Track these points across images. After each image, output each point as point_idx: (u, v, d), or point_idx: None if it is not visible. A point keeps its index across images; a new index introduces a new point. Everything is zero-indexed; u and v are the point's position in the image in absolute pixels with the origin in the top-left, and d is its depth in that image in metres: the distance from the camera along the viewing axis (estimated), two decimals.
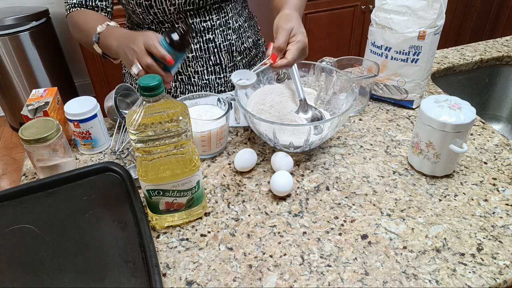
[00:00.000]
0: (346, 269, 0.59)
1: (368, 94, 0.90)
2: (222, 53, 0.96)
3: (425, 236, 0.64)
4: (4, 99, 2.32)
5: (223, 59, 0.96)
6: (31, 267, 0.55)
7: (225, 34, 0.95)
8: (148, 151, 0.57)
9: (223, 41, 0.95)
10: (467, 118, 0.67)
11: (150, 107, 0.54)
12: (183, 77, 0.96)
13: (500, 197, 0.70)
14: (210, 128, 0.75)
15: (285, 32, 0.69)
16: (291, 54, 0.67)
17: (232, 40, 0.96)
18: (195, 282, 0.58)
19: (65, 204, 0.64)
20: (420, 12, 0.81)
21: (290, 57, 0.67)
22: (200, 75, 0.96)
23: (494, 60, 1.13)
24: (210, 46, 0.94)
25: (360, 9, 2.25)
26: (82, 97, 0.82)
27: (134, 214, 0.62)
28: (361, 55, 0.95)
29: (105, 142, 0.84)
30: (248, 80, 0.72)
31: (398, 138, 0.84)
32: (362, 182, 0.74)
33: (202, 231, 0.66)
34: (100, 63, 2.12)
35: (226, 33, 0.95)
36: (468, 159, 0.79)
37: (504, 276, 0.58)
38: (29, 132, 0.70)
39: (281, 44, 0.67)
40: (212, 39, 0.93)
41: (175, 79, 0.97)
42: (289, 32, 0.69)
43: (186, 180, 0.61)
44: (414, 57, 0.85)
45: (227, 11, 0.94)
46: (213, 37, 0.93)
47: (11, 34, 2.08)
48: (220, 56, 0.96)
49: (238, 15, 0.98)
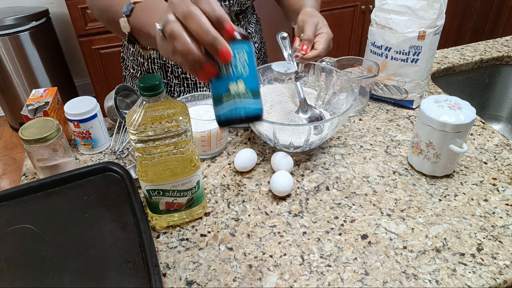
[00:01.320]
0: (346, 269, 0.59)
1: (368, 94, 0.90)
2: None
3: (425, 236, 0.64)
4: (4, 99, 2.32)
5: None
6: (31, 267, 0.55)
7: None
8: (148, 151, 0.57)
9: None
10: (467, 118, 0.67)
11: (150, 107, 0.54)
12: (189, 82, 0.96)
13: (500, 197, 0.70)
14: (210, 128, 0.75)
15: (312, 25, 0.73)
16: (321, 44, 0.71)
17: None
18: (195, 282, 0.58)
19: (65, 204, 0.64)
20: (420, 12, 0.81)
21: (321, 47, 0.71)
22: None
23: (494, 60, 1.13)
24: None
25: (360, 9, 2.25)
26: (82, 97, 0.82)
27: (134, 214, 0.62)
28: (361, 55, 0.95)
29: (105, 142, 0.84)
30: (289, 69, 0.75)
31: (398, 138, 0.84)
32: (362, 182, 0.74)
33: (202, 231, 0.66)
34: (100, 63, 2.11)
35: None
36: (468, 159, 0.79)
37: (504, 276, 0.58)
38: (29, 132, 0.70)
39: (310, 36, 0.70)
40: None
41: (181, 83, 0.96)
42: (316, 25, 0.73)
43: (186, 180, 0.61)
44: (414, 57, 0.85)
45: (239, 20, 0.94)
46: None
47: (11, 34, 2.08)
48: None
49: (248, 23, 0.98)
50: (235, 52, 0.42)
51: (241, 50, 0.43)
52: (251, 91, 0.44)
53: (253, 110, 0.44)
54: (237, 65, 0.43)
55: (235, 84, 0.43)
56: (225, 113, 0.44)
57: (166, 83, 0.96)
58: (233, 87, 0.43)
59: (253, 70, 0.44)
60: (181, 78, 0.95)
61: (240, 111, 0.44)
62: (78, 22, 1.98)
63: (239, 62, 0.43)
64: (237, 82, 0.43)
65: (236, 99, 0.43)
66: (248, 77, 0.43)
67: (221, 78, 0.43)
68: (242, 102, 0.44)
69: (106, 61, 2.11)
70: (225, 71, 0.43)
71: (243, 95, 0.43)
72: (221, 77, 0.43)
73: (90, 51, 2.06)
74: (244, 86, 0.43)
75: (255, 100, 0.44)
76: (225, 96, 0.44)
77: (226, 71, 0.43)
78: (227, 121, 0.44)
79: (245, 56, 0.43)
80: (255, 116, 0.45)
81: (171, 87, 0.96)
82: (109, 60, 2.10)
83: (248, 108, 0.44)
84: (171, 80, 0.95)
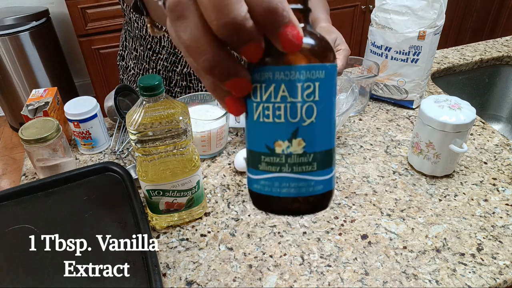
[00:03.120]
0: (346, 269, 0.59)
1: (368, 94, 0.90)
2: None
3: (425, 236, 0.64)
4: (4, 99, 2.32)
5: None
6: (31, 267, 0.55)
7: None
8: (148, 151, 0.57)
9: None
10: (467, 118, 0.67)
11: (150, 107, 0.54)
12: (191, 91, 0.94)
13: (500, 197, 0.70)
14: (210, 128, 0.75)
15: (331, 42, 0.72)
16: (340, 61, 0.71)
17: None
18: (195, 282, 0.58)
19: (65, 204, 0.64)
20: (420, 12, 0.81)
21: (340, 64, 0.71)
22: None
23: (494, 60, 1.13)
24: None
25: (360, 9, 2.25)
26: (82, 97, 0.82)
27: (134, 214, 0.62)
28: (361, 55, 0.96)
29: (105, 142, 0.84)
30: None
31: (398, 138, 0.84)
32: (362, 182, 0.74)
33: (202, 231, 0.66)
34: (100, 63, 2.12)
35: None
36: (468, 159, 0.79)
37: (504, 276, 0.58)
38: (29, 132, 0.70)
39: None
40: None
41: (183, 91, 0.94)
42: (333, 42, 0.73)
43: (186, 180, 0.61)
44: (414, 57, 0.85)
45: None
46: None
47: (11, 34, 2.08)
48: None
49: None
50: (296, 78, 0.23)
51: (310, 77, 0.24)
52: (316, 156, 0.25)
53: (313, 189, 0.25)
54: (296, 105, 0.24)
55: (288, 140, 0.24)
56: (263, 183, 0.26)
57: (167, 90, 0.94)
58: (283, 144, 0.25)
59: (327, 115, 0.25)
60: (183, 86, 0.93)
61: (288, 187, 0.25)
62: (78, 22, 1.98)
63: (302, 97, 0.24)
64: (291, 136, 0.25)
65: (285, 164, 0.25)
66: (316, 126, 0.25)
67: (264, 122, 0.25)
68: (294, 170, 0.25)
69: (106, 61, 2.10)
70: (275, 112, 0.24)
71: (300, 162, 0.25)
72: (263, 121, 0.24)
73: (90, 51, 2.06)
74: (304, 144, 0.25)
75: (321, 172, 0.25)
76: (265, 155, 0.25)
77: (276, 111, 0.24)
78: (266, 198, 0.26)
79: (316, 89, 0.24)
80: (316, 197, 0.26)
81: (172, 94, 0.95)
82: (109, 60, 2.10)
83: (305, 182, 0.25)
84: (173, 89, 0.94)
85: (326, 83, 0.24)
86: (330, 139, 0.26)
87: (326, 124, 0.25)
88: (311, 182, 0.25)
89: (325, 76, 0.24)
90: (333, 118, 0.26)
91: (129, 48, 0.98)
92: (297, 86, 0.24)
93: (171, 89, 0.95)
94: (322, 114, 0.24)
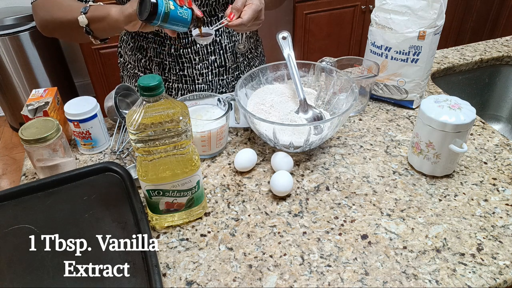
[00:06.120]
0: (346, 269, 0.59)
1: (368, 94, 0.90)
2: (227, 55, 0.96)
3: (425, 236, 0.64)
4: (4, 99, 2.32)
5: (227, 61, 0.97)
6: (31, 267, 0.55)
7: (231, 36, 0.95)
8: (148, 151, 0.57)
9: (229, 42, 0.95)
10: (467, 118, 0.67)
11: (150, 107, 0.54)
12: (187, 79, 0.96)
13: (500, 197, 0.70)
14: (210, 128, 0.75)
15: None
16: (246, 14, 0.76)
17: (237, 40, 0.97)
18: (195, 282, 0.58)
19: (65, 204, 0.64)
20: (420, 12, 0.81)
21: (246, 17, 0.75)
22: (205, 77, 0.97)
23: (494, 60, 1.13)
24: (216, 48, 0.94)
25: (360, 9, 2.25)
26: (82, 97, 0.82)
27: (134, 214, 0.62)
28: (361, 55, 0.96)
29: (105, 142, 0.84)
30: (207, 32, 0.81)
31: (398, 138, 0.84)
32: (362, 182, 0.74)
33: (202, 231, 0.66)
34: (100, 63, 2.11)
35: (231, 34, 0.95)
36: (468, 159, 0.79)
37: (504, 276, 0.58)
38: (29, 132, 0.70)
39: (239, 5, 0.76)
40: (219, 41, 0.94)
41: (179, 80, 0.97)
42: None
43: (186, 180, 0.61)
44: (414, 57, 0.85)
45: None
46: (219, 39, 0.94)
47: (11, 34, 2.08)
48: (225, 58, 0.96)
49: None
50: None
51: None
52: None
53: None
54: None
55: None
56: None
57: (164, 79, 0.96)
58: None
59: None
60: (179, 75, 0.95)
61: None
62: None
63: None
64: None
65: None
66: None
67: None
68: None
69: (106, 61, 2.10)
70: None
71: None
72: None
73: (90, 51, 2.06)
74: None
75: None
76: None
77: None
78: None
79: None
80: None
81: (169, 83, 0.97)
82: (109, 60, 2.10)
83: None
84: (169, 77, 0.96)
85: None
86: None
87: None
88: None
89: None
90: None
91: (125, 41, 0.99)
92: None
93: (167, 78, 0.96)
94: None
